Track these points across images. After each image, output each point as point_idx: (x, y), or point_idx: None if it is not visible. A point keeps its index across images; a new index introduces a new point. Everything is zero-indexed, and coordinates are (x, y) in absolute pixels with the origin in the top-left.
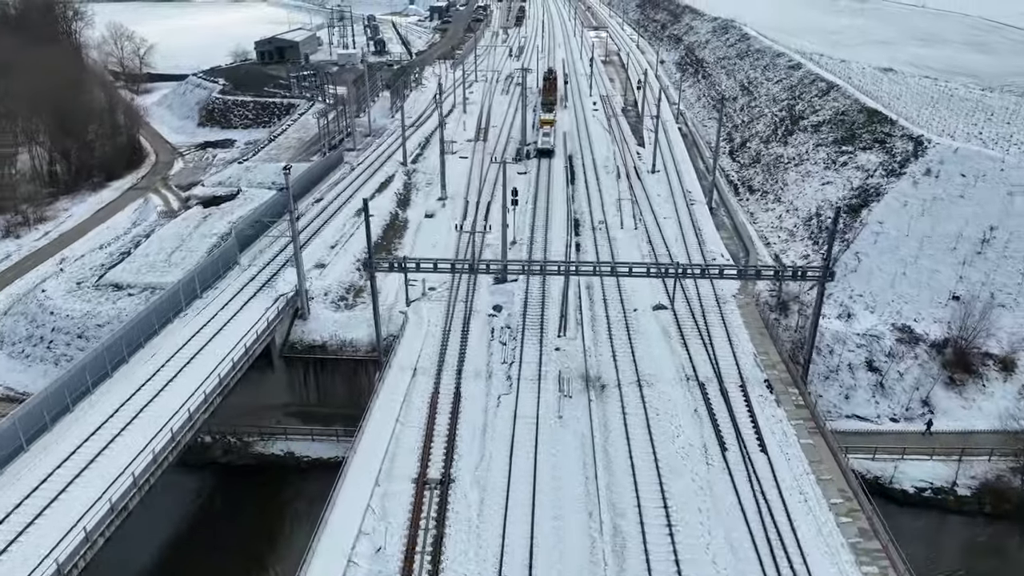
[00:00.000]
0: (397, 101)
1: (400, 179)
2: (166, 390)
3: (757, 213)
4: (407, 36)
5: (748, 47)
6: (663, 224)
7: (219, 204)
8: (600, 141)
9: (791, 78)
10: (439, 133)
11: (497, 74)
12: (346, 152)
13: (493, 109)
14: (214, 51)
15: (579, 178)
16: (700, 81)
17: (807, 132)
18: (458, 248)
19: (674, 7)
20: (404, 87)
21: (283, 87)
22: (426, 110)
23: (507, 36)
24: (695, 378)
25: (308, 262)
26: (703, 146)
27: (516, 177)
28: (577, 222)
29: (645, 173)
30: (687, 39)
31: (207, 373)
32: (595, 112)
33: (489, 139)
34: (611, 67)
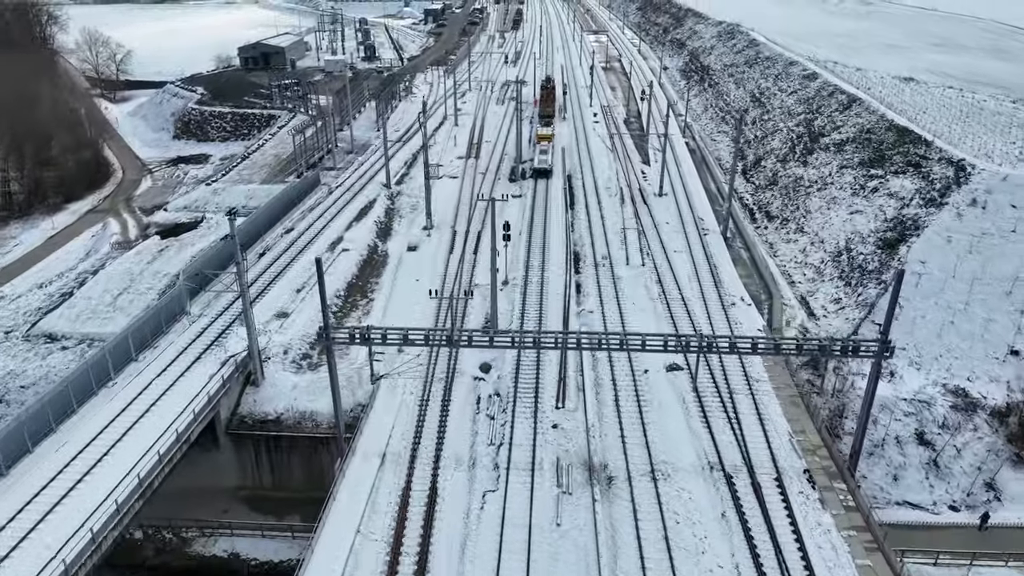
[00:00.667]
0: (384, 113)
1: (382, 204)
2: (81, 485)
3: (777, 244)
4: (400, 40)
5: (757, 54)
6: (674, 259)
7: (179, 234)
8: (601, 158)
9: (807, 89)
10: (423, 156)
11: (492, 83)
12: (325, 172)
13: (487, 121)
14: (201, 55)
15: (579, 202)
16: (707, 90)
17: (829, 151)
18: (443, 288)
19: (676, 10)
20: (392, 97)
21: (264, 97)
22: (415, 123)
23: (504, 40)
24: (720, 467)
25: (269, 310)
26: (713, 163)
27: (510, 201)
28: (577, 256)
29: (651, 196)
30: (691, 44)
31: (131, 463)
32: (596, 124)
33: (482, 156)
34: (612, 74)
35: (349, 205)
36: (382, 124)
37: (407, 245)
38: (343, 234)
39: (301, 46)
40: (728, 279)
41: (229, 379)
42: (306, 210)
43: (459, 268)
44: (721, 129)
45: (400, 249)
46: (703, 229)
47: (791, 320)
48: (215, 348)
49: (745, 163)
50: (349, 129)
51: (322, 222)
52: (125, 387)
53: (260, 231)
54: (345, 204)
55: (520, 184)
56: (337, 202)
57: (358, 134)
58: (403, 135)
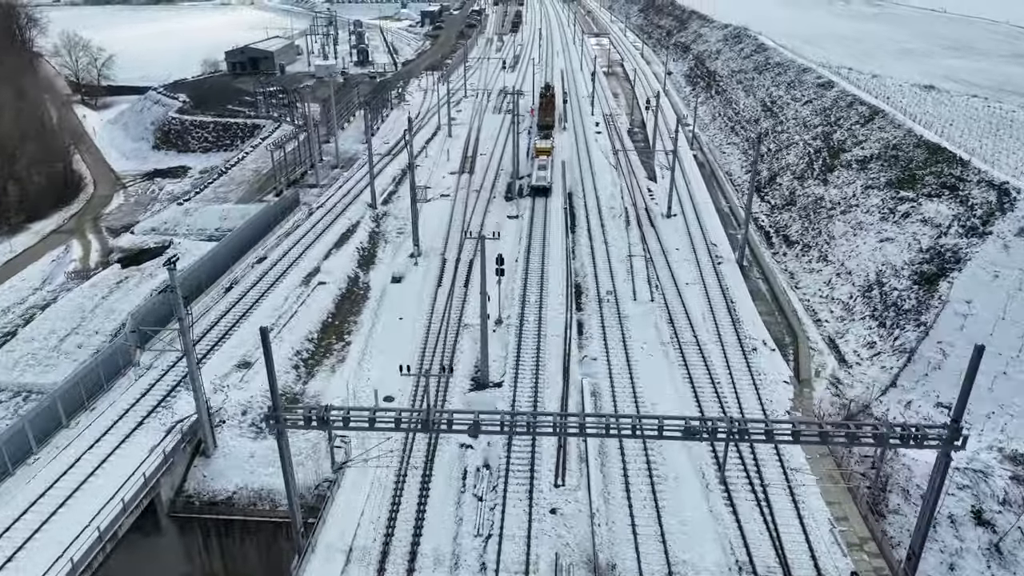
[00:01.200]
0: (374, 123)
1: (366, 227)
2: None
3: (799, 274)
4: (395, 43)
5: (767, 59)
6: (686, 293)
7: (142, 262)
8: (604, 173)
9: (823, 99)
10: (410, 178)
11: (488, 92)
12: (306, 190)
13: (483, 132)
14: (191, 59)
15: (581, 224)
16: (714, 97)
17: (852, 169)
18: (430, 330)
19: (679, 12)
20: (383, 105)
21: (249, 105)
22: (406, 133)
23: (502, 44)
24: (751, 569)
25: (229, 360)
26: (724, 180)
27: (505, 222)
28: (579, 288)
29: (659, 217)
30: (696, 48)
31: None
32: (598, 134)
33: (476, 171)
34: (614, 79)
35: (329, 229)
36: (368, 137)
37: (391, 275)
38: (320, 264)
39: (291, 50)
40: (747, 317)
41: (173, 452)
42: (283, 235)
43: (447, 304)
44: (731, 140)
45: (383, 280)
46: (717, 257)
47: (820, 369)
48: (161, 410)
49: (759, 179)
50: (335, 141)
51: (298, 249)
52: (48, 464)
53: (229, 261)
54: (325, 228)
55: (517, 203)
56: (316, 226)
57: (346, 146)
58: (393, 147)
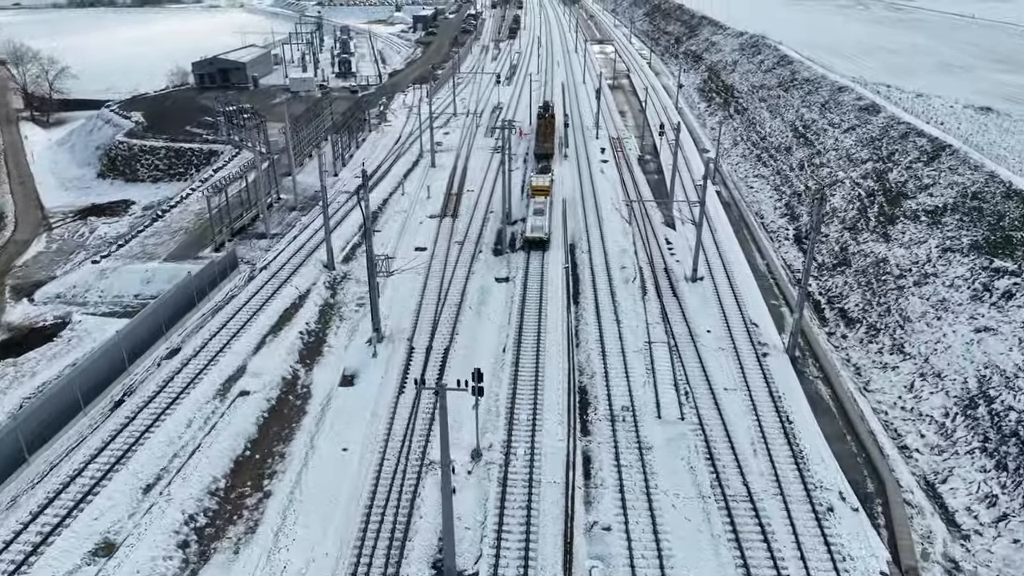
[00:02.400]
0: (346, 150)
1: (317, 298)
2: None
3: (867, 370)
4: (384, 51)
5: (793, 74)
6: (726, 403)
7: (21, 353)
8: (613, 218)
9: (869, 126)
10: (367, 246)
11: (478, 115)
12: (254, 243)
13: (472, 160)
14: (167, 67)
15: (585, 292)
16: (733, 117)
17: (920, 222)
18: (382, 472)
19: (688, 17)
20: (358, 128)
21: (210, 126)
22: (385, 160)
23: (498, 51)
24: None
25: (85, 540)
26: (754, 224)
27: (492, 288)
28: (584, 396)
29: (682, 281)
30: (709, 58)
31: None
32: (604, 163)
33: (461, 214)
34: (620, 93)
35: (269, 304)
36: (323, 182)
37: (342, 373)
38: (248, 360)
39: (267, 60)
40: (812, 445)
41: None
42: (209, 312)
43: (410, 425)
44: (758, 172)
45: (331, 381)
46: (760, 344)
47: (928, 544)
48: None
49: (798, 226)
50: (307, 173)
51: (223, 337)
52: None
53: (131, 354)
54: (264, 302)
55: (508, 259)
56: (254, 299)
57: (310, 180)
58: (368, 177)
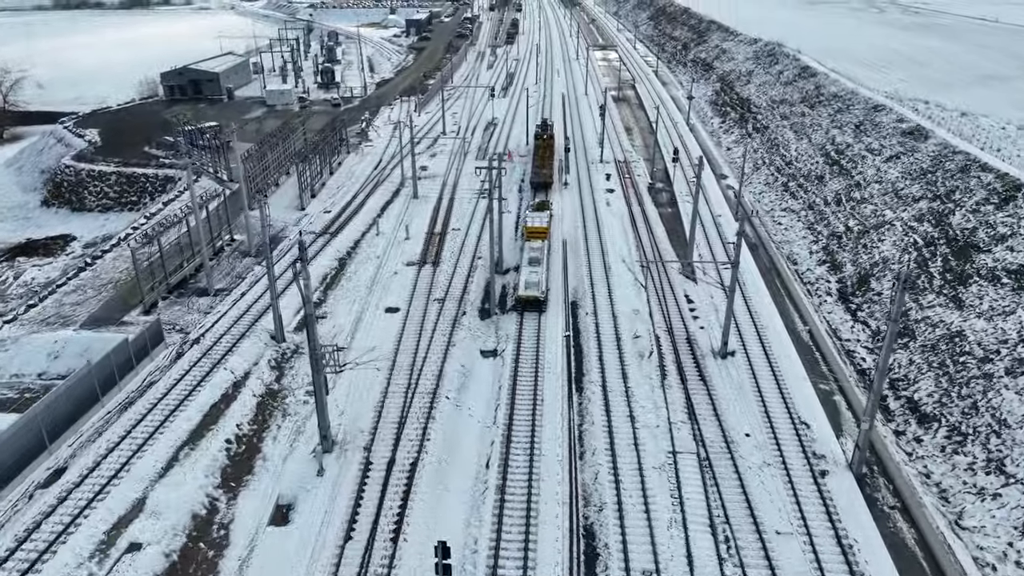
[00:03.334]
0: (316, 178)
1: (257, 383)
2: None
3: (957, 494)
4: (374, 58)
5: (817, 88)
6: (779, 558)
7: None
8: (623, 268)
9: (917, 155)
10: (309, 338)
11: (473, 124)
12: (193, 302)
13: (459, 191)
14: (146, 74)
15: (590, 374)
16: (752, 136)
17: (1002, 286)
18: None
19: (696, 22)
20: (333, 151)
21: (168, 147)
22: (361, 190)
23: (495, 58)
24: None
25: None
26: (789, 274)
27: (476, 365)
28: (591, 547)
29: (709, 357)
30: (720, 67)
31: None
32: (610, 193)
33: (444, 260)
34: (626, 106)
35: (196, 395)
36: (265, 236)
37: (275, 503)
38: (150, 490)
39: (244, 69)
40: None
41: None
42: (116, 410)
43: None
44: (786, 204)
45: (259, 516)
46: (815, 456)
47: None
48: None
49: (841, 277)
50: (263, 208)
51: (125, 450)
52: None
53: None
54: (189, 392)
55: (496, 325)
56: (178, 387)
57: (274, 215)
58: (336, 218)
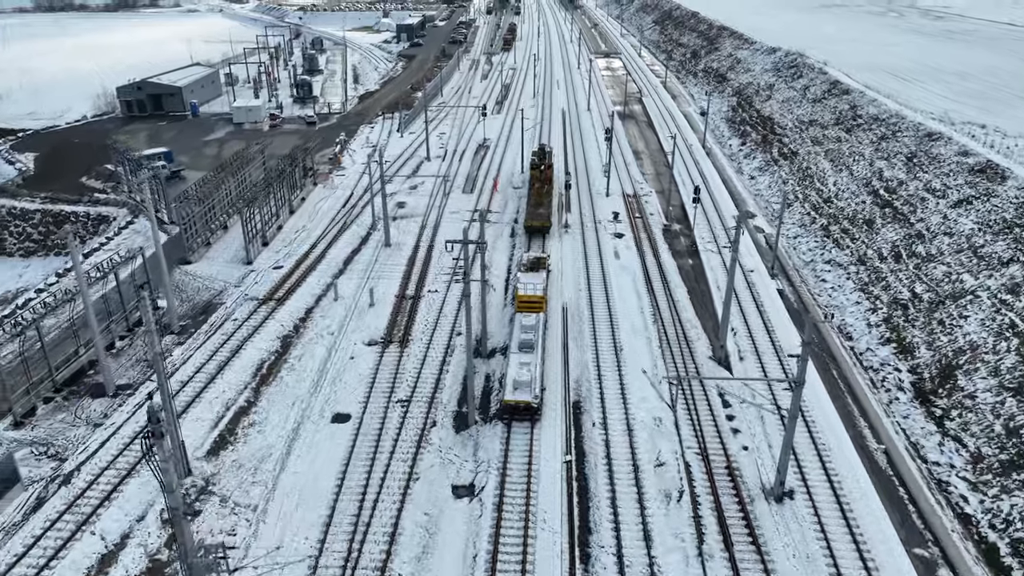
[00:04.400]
0: (272, 220)
1: (131, 562)
2: None
3: None
4: (360, 66)
5: (854, 109)
6: None
7: None
8: (640, 348)
9: (996, 201)
10: (180, 548)
11: (462, 148)
12: (85, 407)
13: (442, 231)
14: (116, 83)
15: (600, 528)
16: (778, 162)
17: None
18: None
19: (705, 28)
20: (295, 185)
21: (108, 178)
22: (323, 236)
23: (490, 66)
24: None
25: None
26: (844, 356)
27: (444, 515)
28: None
29: (760, 499)
30: (736, 79)
31: None
32: (618, 239)
33: (414, 338)
34: (632, 124)
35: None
36: (157, 362)
37: None
38: None
39: (212, 83)
40: None
41: None
42: None
43: None
44: (828, 254)
45: None
46: None
47: None
48: None
49: (916, 367)
50: (211, 259)
51: None
52: None
53: None
54: None
55: (475, 443)
56: (20, 567)
57: (215, 270)
58: (287, 275)
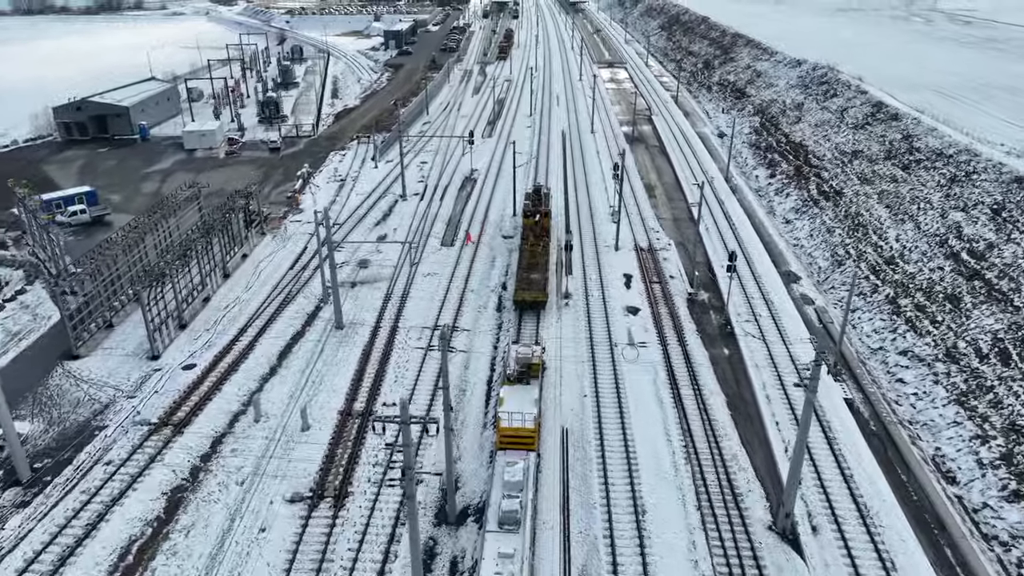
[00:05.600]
0: (195, 291)
1: None
2: None
3: None
4: (341, 78)
5: (908, 139)
6: None
7: None
8: (666, 514)
9: None
10: None
11: (446, 182)
12: None
13: (410, 313)
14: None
15: None
16: (818, 203)
17: None
18: None
19: (718, 35)
20: (234, 240)
21: (11, 225)
22: (260, 312)
23: (483, 78)
24: None
25: None
26: (949, 513)
27: None
28: None
29: None
30: (757, 95)
31: None
32: (632, 316)
33: (355, 492)
34: (642, 150)
35: None
36: None
37: None
38: None
39: (168, 100)
40: None
41: None
42: None
43: None
44: (903, 341)
45: None
46: None
47: None
48: None
49: None
50: (106, 353)
51: None
52: None
53: None
54: None
55: None
56: None
57: (108, 370)
58: (199, 380)
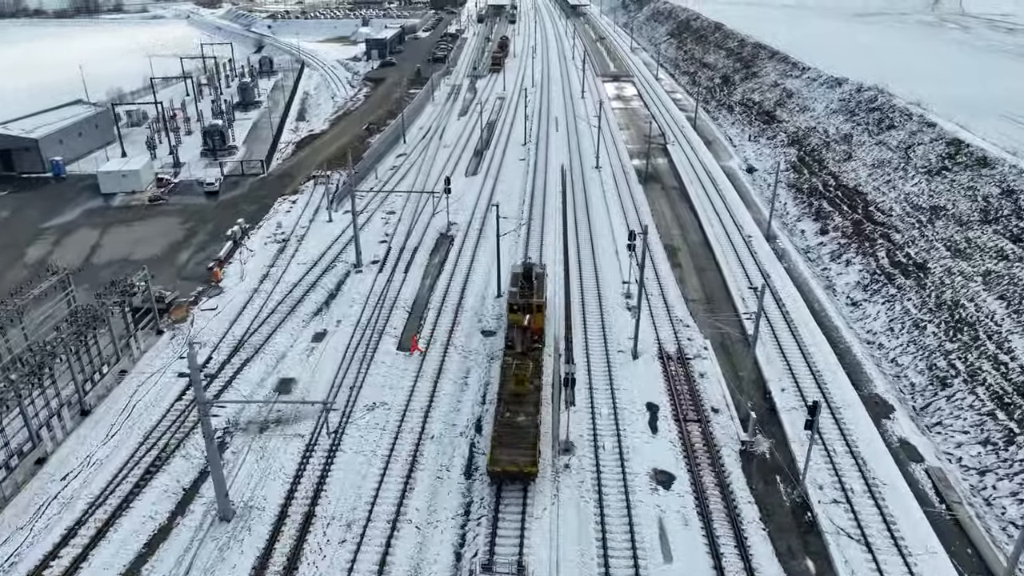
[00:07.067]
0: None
1: None
2: None
3: None
4: (314, 95)
5: (1010, 194)
6: None
7: None
8: None
9: None
10: None
11: (416, 240)
12: None
13: (333, 487)
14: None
15: None
16: (895, 282)
17: None
18: None
19: (736, 45)
20: (139, 323)
21: None
22: (125, 473)
23: (473, 95)
24: None
25: None
26: None
27: None
28: None
29: None
30: (791, 120)
31: None
32: (666, 491)
33: None
34: (659, 192)
35: None
36: None
37: None
38: None
39: (96, 128)
40: None
41: None
42: None
43: None
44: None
45: None
46: None
47: None
48: None
49: None
50: None
51: None
52: None
53: None
54: None
55: None
56: None
57: None
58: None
